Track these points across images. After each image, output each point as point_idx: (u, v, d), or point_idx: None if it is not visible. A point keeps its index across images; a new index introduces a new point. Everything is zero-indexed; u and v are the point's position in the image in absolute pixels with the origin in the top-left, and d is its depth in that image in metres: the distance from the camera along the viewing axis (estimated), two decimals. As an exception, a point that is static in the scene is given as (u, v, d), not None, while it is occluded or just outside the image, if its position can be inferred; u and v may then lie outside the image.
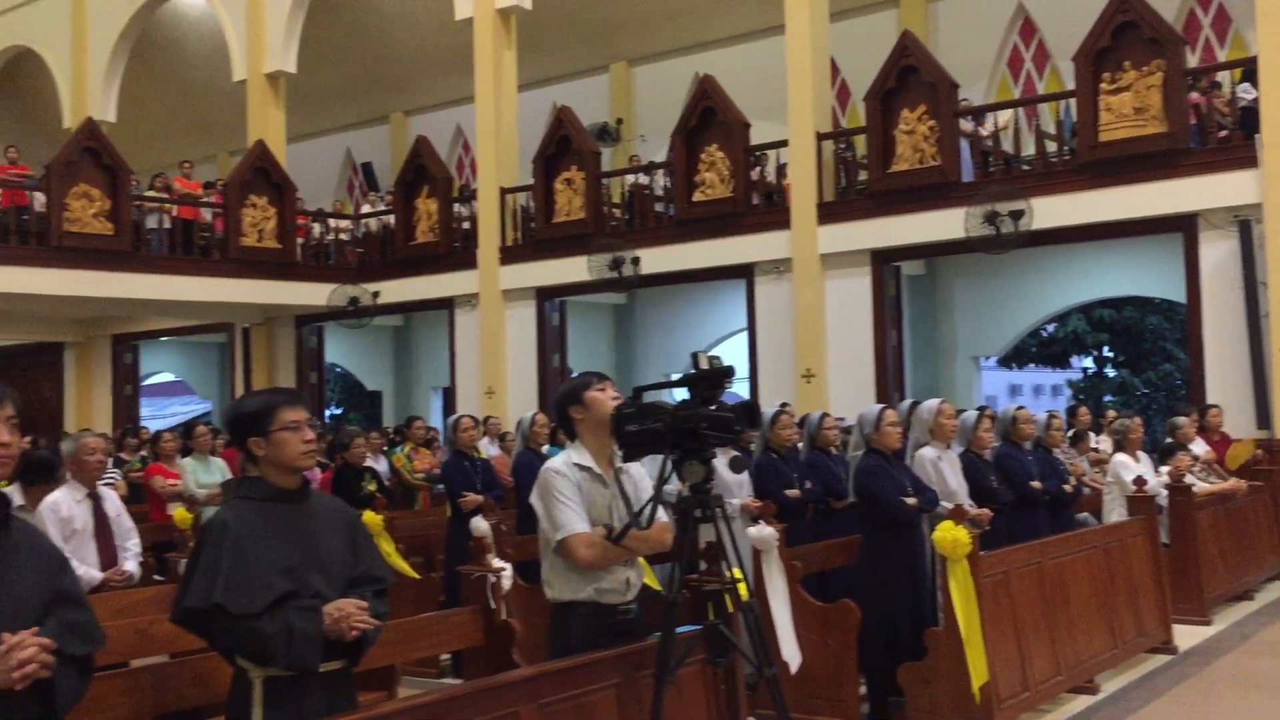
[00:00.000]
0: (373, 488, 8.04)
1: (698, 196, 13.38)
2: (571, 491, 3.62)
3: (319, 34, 17.30)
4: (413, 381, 19.94)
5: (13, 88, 20.94)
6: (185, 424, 10.66)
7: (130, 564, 5.48)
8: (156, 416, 22.72)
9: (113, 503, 5.56)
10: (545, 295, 14.95)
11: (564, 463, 3.69)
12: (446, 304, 15.94)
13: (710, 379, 3.56)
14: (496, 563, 4.48)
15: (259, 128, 16.74)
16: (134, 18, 18.32)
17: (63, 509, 5.35)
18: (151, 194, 15.72)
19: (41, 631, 2.53)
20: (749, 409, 3.63)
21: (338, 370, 19.95)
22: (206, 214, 16.05)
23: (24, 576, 2.61)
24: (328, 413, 22.03)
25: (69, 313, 18.51)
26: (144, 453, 10.98)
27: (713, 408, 3.53)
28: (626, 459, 3.76)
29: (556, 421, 3.86)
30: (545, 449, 7.71)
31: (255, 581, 3.03)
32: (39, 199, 14.49)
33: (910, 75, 12.00)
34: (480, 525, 6.89)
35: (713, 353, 3.73)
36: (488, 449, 9.78)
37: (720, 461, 4.26)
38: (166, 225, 15.52)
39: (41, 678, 2.50)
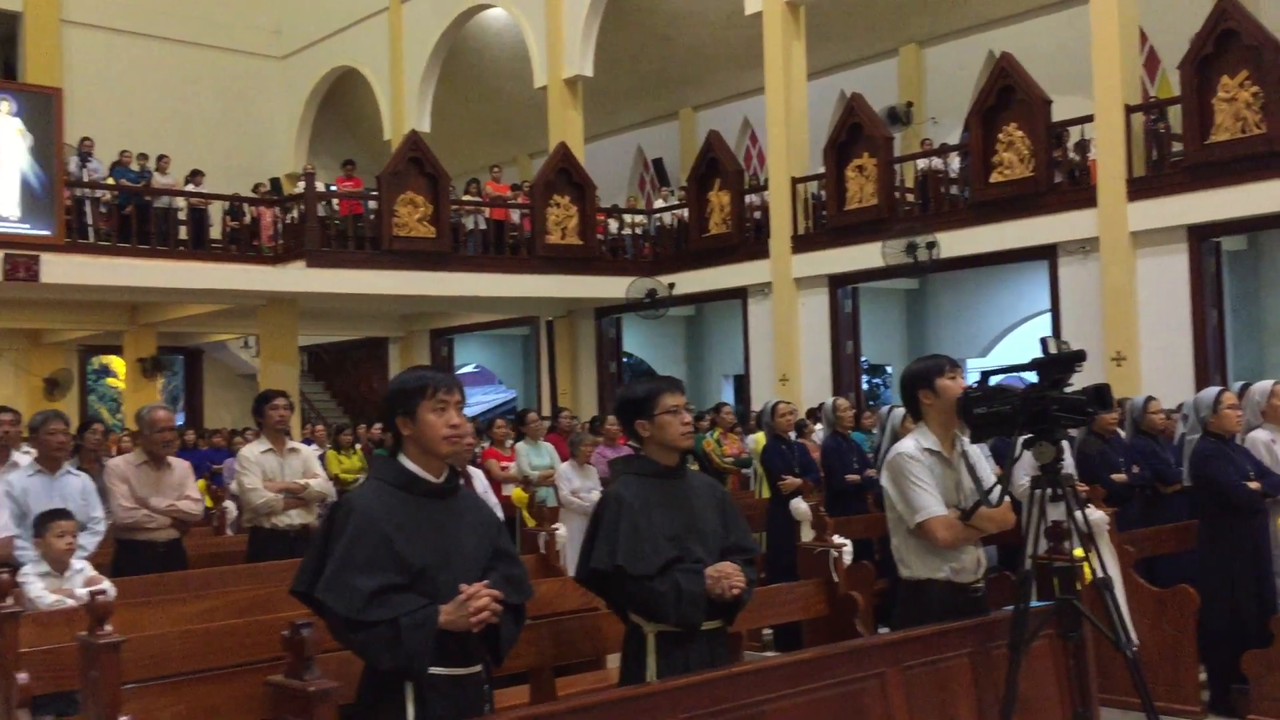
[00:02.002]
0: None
1: (995, 177, 13.14)
2: (925, 475, 3.81)
3: (612, 37, 18.05)
4: (705, 370, 20.49)
5: (339, 104, 22.94)
6: (518, 412, 11.49)
7: None
8: (477, 404, 24.30)
9: (479, 481, 6.18)
10: (838, 282, 15.06)
11: (914, 447, 3.89)
12: (739, 293, 16.32)
13: (1061, 362, 3.68)
14: (837, 539, 4.73)
15: (559, 130, 17.66)
16: (444, 34, 19.67)
17: None
18: (467, 198, 16.92)
19: (489, 584, 3.00)
20: (1100, 391, 3.71)
21: (631, 360, 20.72)
22: (515, 214, 17.11)
23: (472, 536, 3.09)
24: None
25: (395, 310, 20.17)
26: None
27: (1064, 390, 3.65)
28: (974, 440, 3.93)
29: (903, 401, 4.04)
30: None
31: (648, 547, 3.41)
32: (370, 206, 15.91)
33: (1230, 39, 11.34)
34: (800, 507, 7.18)
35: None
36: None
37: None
38: (481, 226, 16.69)
39: (491, 623, 2.97)
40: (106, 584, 4.77)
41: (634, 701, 2.91)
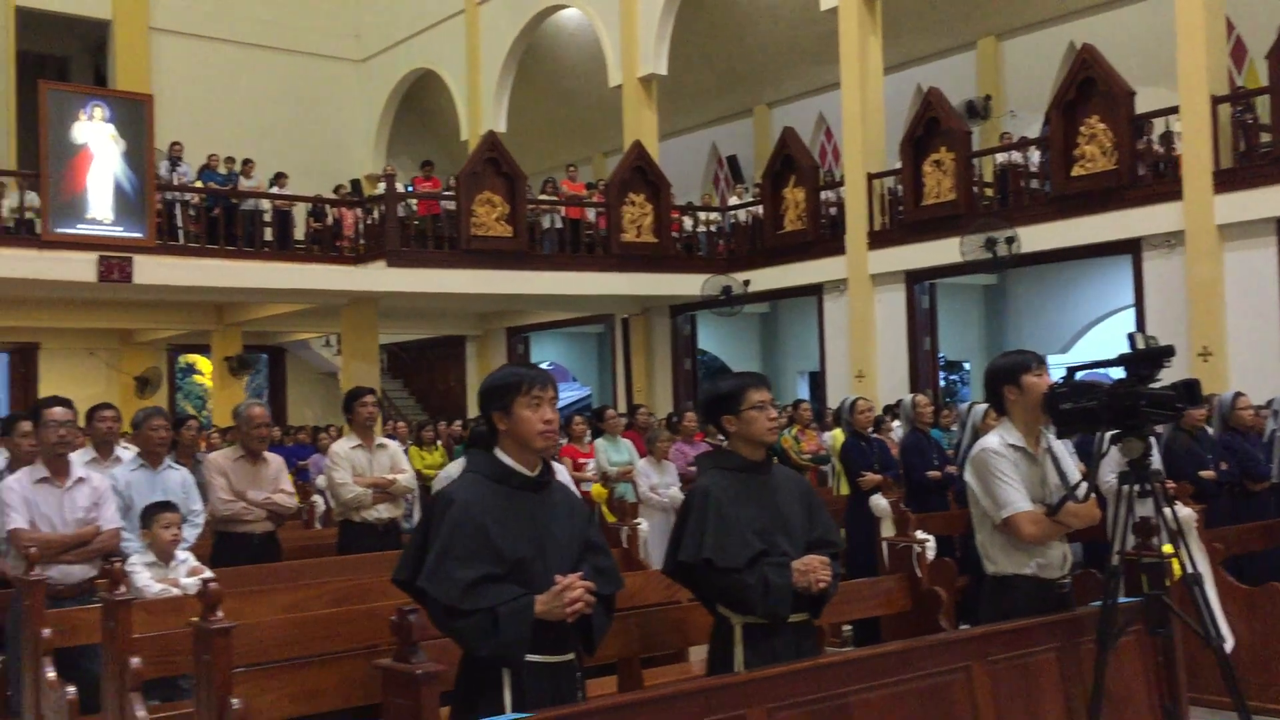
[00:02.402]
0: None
1: (1077, 171, 12.96)
2: (1011, 470, 3.81)
3: (686, 35, 18.10)
4: (780, 366, 20.46)
5: (417, 106, 23.29)
6: (597, 409, 11.62)
7: None
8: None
9: (563, 473, 6.28)
10: (914, 278, 14.96)
11: (1000, 443, 3.89)
12: (815, 290, 16.28)
13: (1149, 358, 3.67)
14: (920, 534, 4.75)
15: (633, 129, 17.75)
16: (520, 34, 19.88)
17: None
18: (543, 197, 17.09)
19: (582, 575, 3.09)
20: (1190, 387, 3.69)
21: (706, 357, 20.77)
22: (590, 213, 17.24)
23: (565, 528, 3.18)
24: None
25: (472, 309, 20.45)
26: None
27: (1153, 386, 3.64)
28: (1060, 435, 3.93)
29: (987, 397, 4.05)
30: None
31: (735, 540, 3.47)
32: (448, 206, 16.15)
33: (1323, 27, 11.08)
34: (880, 503, 7.19)
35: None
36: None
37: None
38: (557, 225, 16.85)
39: (584, 614, 3.06)
40: (208, 573, 4.95)
41: (725, 690, 2.97)
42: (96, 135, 14.09)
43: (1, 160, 17.62)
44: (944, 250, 13.92)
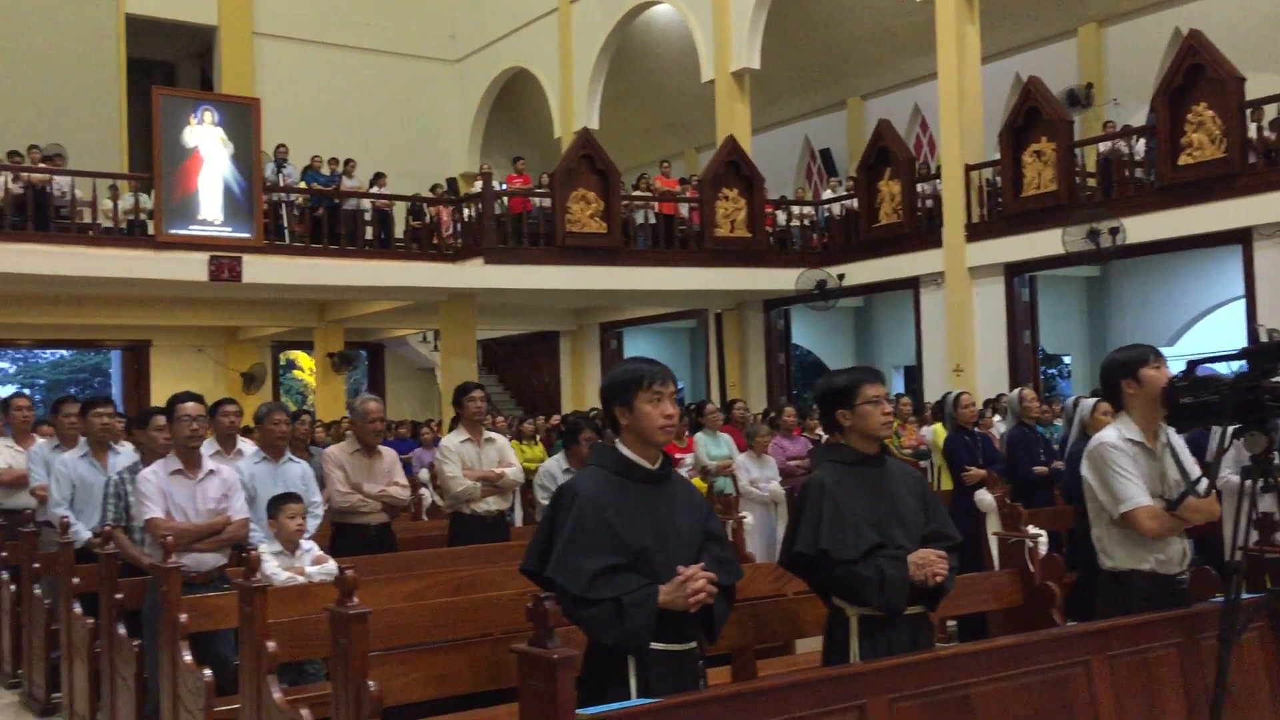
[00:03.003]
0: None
1: (1184, 159, 12.67)
2: (1129, 464, 3.78)
3: (779, 28, 18.05)
4: (874, 361, 20.31)
5: (511, 103, 23.58)
6: (695, 404, 11.69)
7: None
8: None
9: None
10: (1014, 271, 14.75)
11: (1117, 437, 3.86)
12: (911, 283, 16.14)
13: (1273, 351, 3.62)
14: (1032, 529, 4.73)
15: (726, 124, 17.76)
16: (612, 31, 20.00)
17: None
18: (637, 193, 17.20)
19: (704, 565, 3.16)
20: (1316, 381, 3.63)
21: (799, 352, 20.72)
22: (683, 208, 17.30)
23: (685, 519, 3.26)
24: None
25: (567, 304, 20.66)
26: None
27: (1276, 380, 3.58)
28: (1180, 431, 3.89)
29: (1104, 390, 4.02)
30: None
31: (851, 532, 3.51)
32: (537, 203, 16.35)
33: None
34: (985, 498, 7.15)
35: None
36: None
37: None
38: (650, 221, 16.95)
39: (706, 603, 3.13)
40: (331, 563, 5.13)
41: (848, 679, 3.02)
42: (207, 138, 14.56)
43: (113, 163, 18.25)
44: (1045, 242, 13.71)
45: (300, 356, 29.17)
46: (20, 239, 13.70)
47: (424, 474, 11.09)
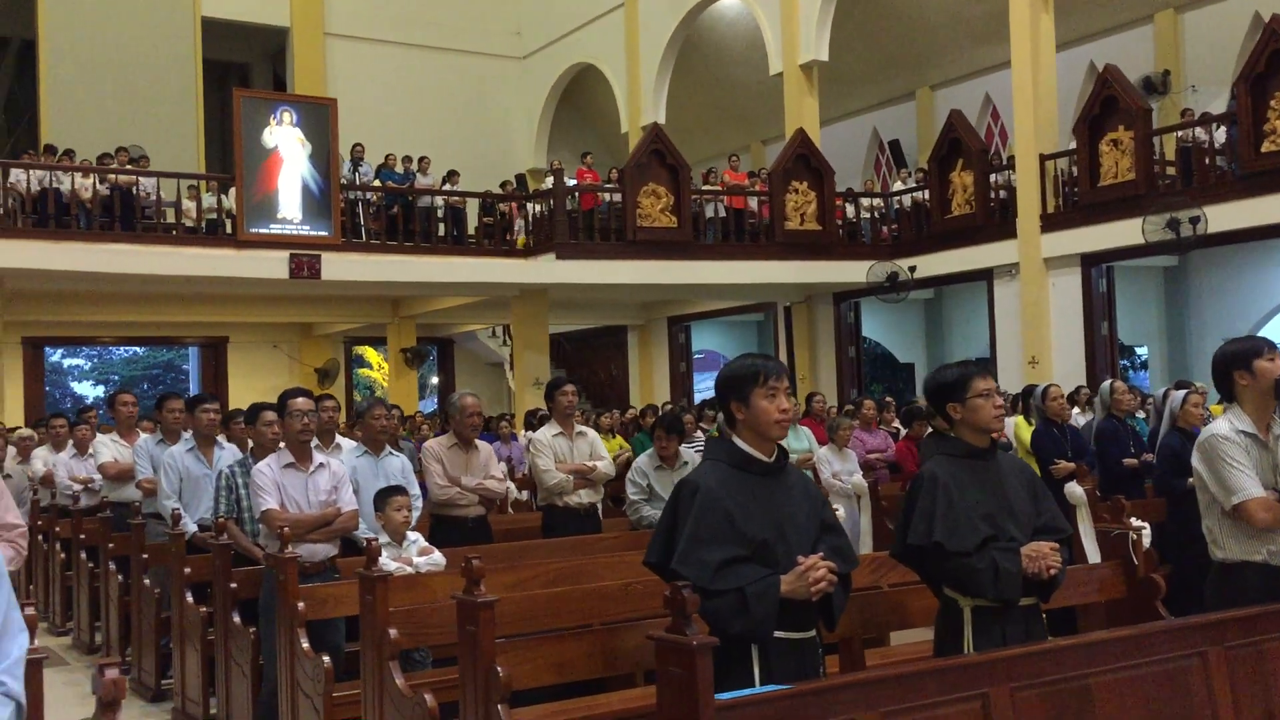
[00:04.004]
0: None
1: (1267, 147, 12.45)
2: (1241, 456, 3.79)
3: (847, 19, 17.97)
4: (944, 353, 20.18)
5: (576, 99, 23.71)
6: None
7: None
8: (703, 390, 24.74)
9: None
10: (1090, 261, 14.58)
11: (1229, 428, 3.86)
12: (984, 275, 16.02)
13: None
14: (1135, 521, 4.73)
15: (795, 117, 17.71)
16: (679, 26, 20.02)
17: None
18: (707, 187, 17.24)
19: (822, 555, 3.23)
20: None
21: (868, 344, 20.64)
22: (753, 201, 17.31)
23: (802, 510, 3.33)
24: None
25: (636, 298, 20.76)
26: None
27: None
28: (1293, 423, 3.88)
29: (1215, 382, 4.02)
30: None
31: (964, 524, 3.55)
32: (606, 198, 16.45)
33: None
34: (1076, 491, 7.12)
35: None
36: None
37: None
38: (720, 214, 16.99)
39: (826, 592, 3.20)
40: (437, 553, 5.27)
41: (970, 669, 3.07)
42: (286, 139, 14.85)
43: (190, 163, 18.65)
44: (1122, 232, 13.55)
45: (367, 352, 29.56)
46: (109, 239, 14.09)
47: (501, 468, 11.21)
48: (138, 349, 32.67)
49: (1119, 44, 17.45)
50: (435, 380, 25.37)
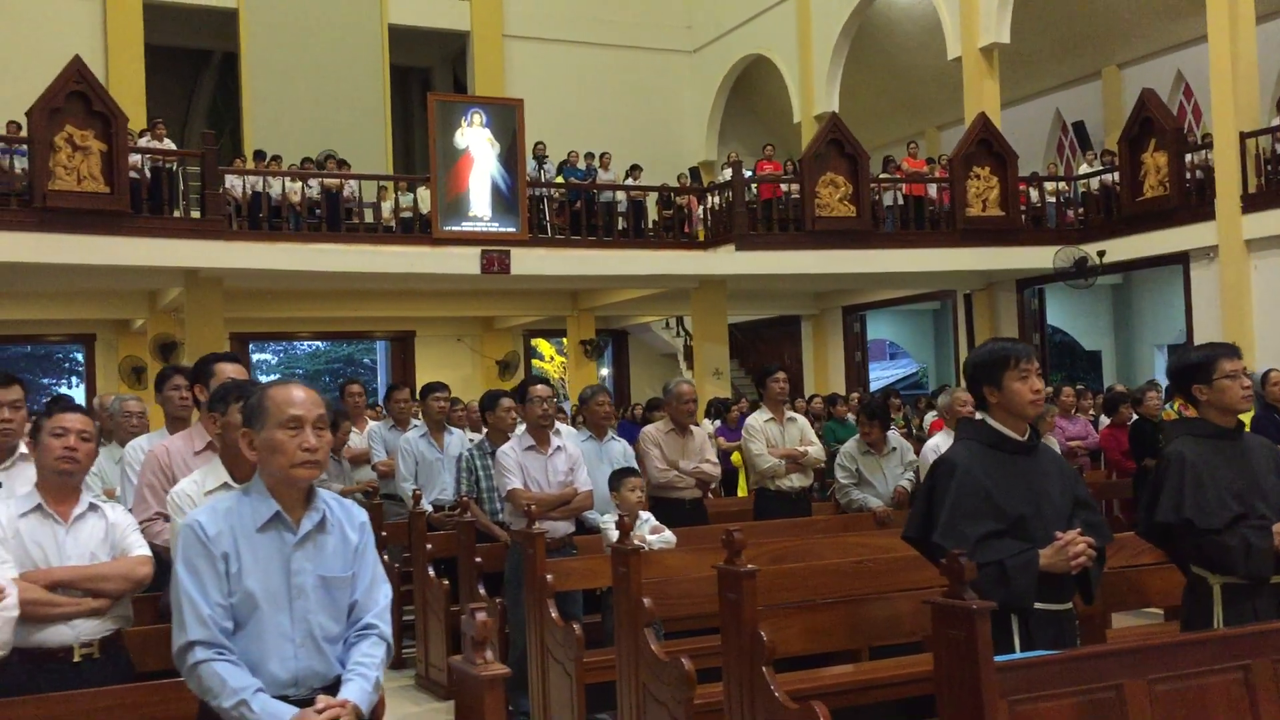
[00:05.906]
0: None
1: None
2: None
3: (1028, 0, 17.60)
4: (1133, 340, 19.60)
5: (746, 91, 23.83)
6: (938, 388, 11.69)
7: None
8: (880, 379, 24.63)
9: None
10: (1297, 242, 14.00)
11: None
12: (1180, 259, 15.50)
13: None
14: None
15: (974, 101, 17.43)
16: (853, 14, 19.91)
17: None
18: (885, 176, 17.16)
19: (1082, 531, 3.36)
20: None
21: (1051, 331, 20.17)
22: (931, 188, 17.15)
23: (1057, 487, 3.46)
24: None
25: (812, 288, 20.80)
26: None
27: None
28: None
29: None
30: None
31: (1214, 502, 3.61)
32: (785, 189, 16.54)
33: None
34: None
35: None
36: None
37: None
38: (899, 202, 16.90)
39: (1085, 567, 3.33)
40: (668, 532, 5.54)
41: (1231, 642, 3.15)
42: (476, 139, 15.47)
43: (379, 164, 19.52)
44: (1332, 211, 12.96)
45: (540, 344, 30.34)
46: (318, 239, 14.94)
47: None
48: (320, 344, 34.32)
49: (1324, 13, 16.59)
50: (604, 372, 25.88)
